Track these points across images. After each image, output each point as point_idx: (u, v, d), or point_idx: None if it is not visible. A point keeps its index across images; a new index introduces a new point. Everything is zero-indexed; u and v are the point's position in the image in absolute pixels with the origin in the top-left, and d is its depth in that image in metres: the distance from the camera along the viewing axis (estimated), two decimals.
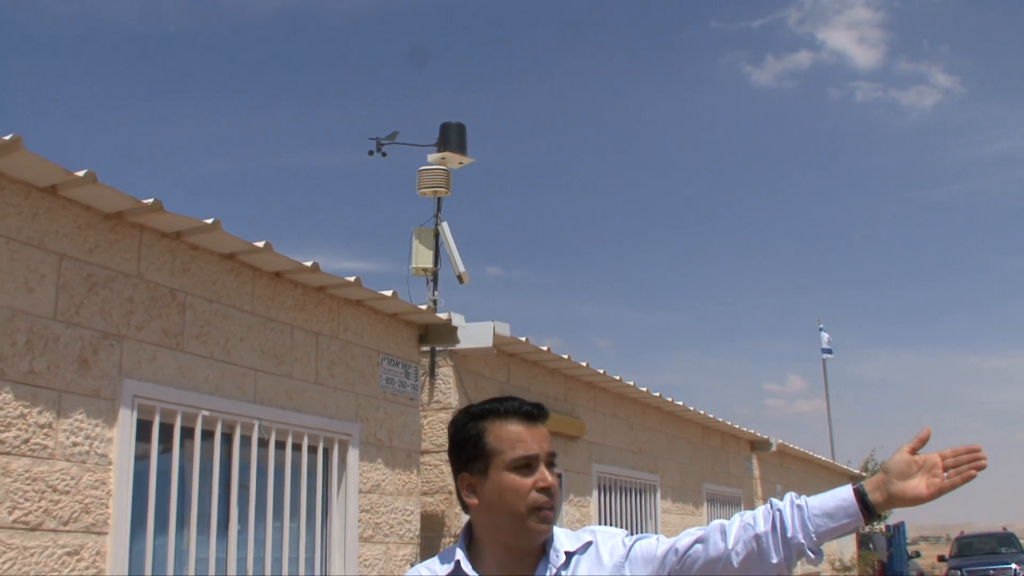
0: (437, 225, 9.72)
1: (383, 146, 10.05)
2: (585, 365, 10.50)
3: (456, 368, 8.94)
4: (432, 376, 8.80)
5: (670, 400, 13.17)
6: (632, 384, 11.75)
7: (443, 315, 8.45)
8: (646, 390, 12.17)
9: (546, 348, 9.70)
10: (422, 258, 9.59)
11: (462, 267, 9.67)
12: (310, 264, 6.61)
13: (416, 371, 8.26)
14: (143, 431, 5.60)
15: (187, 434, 5.93)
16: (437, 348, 8.71)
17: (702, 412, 14.48)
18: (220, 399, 6.14)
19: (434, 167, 9.87)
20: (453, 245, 9.68)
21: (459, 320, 8.52)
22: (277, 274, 6.73)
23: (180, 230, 5.87)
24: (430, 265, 9.61)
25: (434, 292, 9.66)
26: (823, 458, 24.02)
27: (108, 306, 5.44)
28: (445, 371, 8.90)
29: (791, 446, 19.65)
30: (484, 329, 8.70)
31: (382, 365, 7.79)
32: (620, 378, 11.33)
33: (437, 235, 9.69)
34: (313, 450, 6.97)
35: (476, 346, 8.69)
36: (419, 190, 9.84)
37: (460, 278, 9.73)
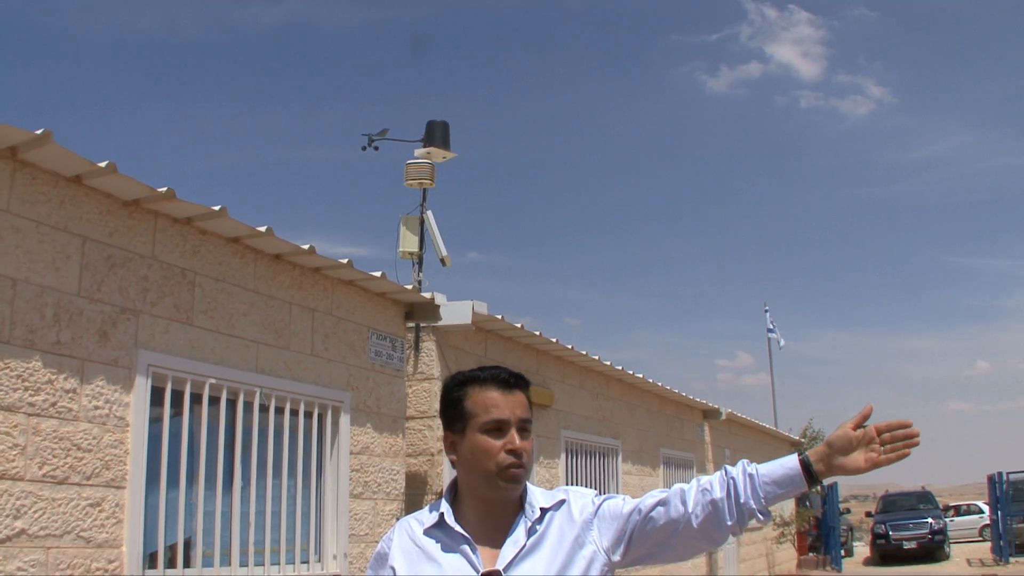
0: (422, 213, 9.70)
1: (374, 141, 10.06)
2: (555, 341, 10.57)
3: (438, 343, 9.00)
4: (416, 350, 8.85)
5: (631, 373, 13.22)
6: (597, 358, 11.82)
7: (427, 295, 8.51)
8: (610, 364, 12.24)
9: (520, 325, 9.77)
10: (408, 243, 9.60)
11: (444, 251, 9.70)
12: (307, 247, 6.65)
13: (402, 345, 8.31)
14: (156, 397, 5.64)
15: (196, 400, 5.96)
16: (421, 324, 8.75)
17: (660, 384, 14.53)
18: (225, 368, 6.18)
19: (420, 161, 9.85)
20: (437, 232, 9.69)
21: (441, 299, 8.58)
22: (277, 256, 6.77)
23: (190, 216, 5.90)
24: (416, 249, 9.61)
25: (419, 274, 9.68)
26: (767, 426, 24.24)
27: (126, 284, 5.49)
28: (428, 345, 8.96)
29: (739, 415, 19.82)
30: (464, 307, 8.76)
31: (371, 339, 7.84)
32: (587, 353, 11.40)
33: (422, 222, 9.68)
34: (309, 415, 7.02)
35: (456, 323, 8.75)
36: (406, 182, 9.83)
37: (443, 261, 9.75)
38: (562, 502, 2.35)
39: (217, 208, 5.84)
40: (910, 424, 2.26)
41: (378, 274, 7.54)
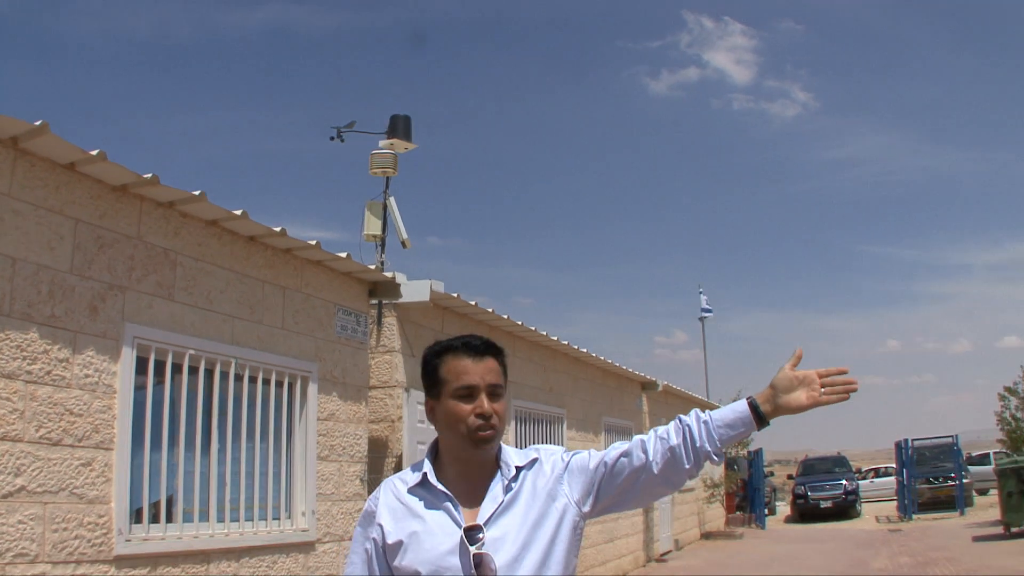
0: (385, 199, 9.77)
1: (342, 133, 10.12)
2: (506, 317, 10.72)
3: (399, 318, 9.12)
4: (379, 325, 8.96)
5: (576, 348, 13.40)
6: (545, 334, 11.98)
7: (389, 274, 8.61)
8: (556, 339, 12.40)
9: (474, 303, 9.90)
10: (372, 226, 9.67)
11: (405, 234, 9.79)
12: (279, 230, 6.72)
13: (366, 320, 8.41)
14: (141, 366, 5.71)
15: (176, 369, 6.04)
16: (383, 301, 8.86)
17: (602, 358, 14.74)
18: (204, 340, 6.26)
19: (384, 151, 9.92)
20: (398, 216, 9.77)
21: (402, 278, 8.69)
22: (252, 238, 6.84)
23: (173, 200, 5.97)
24: (379, 232, 9.69)
25: (382, 255, 9.77)
26: (700, 397, 24.67)
27: (114, 263, 5.56)
28: (390, 320, 9.07)
29: (674, 387, 20.17)
30: (422, 286, 8.89)
31: (337, 315, 7.93)
32: (535, 329, 11.56)
33: (385, 208, 9.75)
34: (280, 384, 7.11)
35: (416, 300, 8.88)
36: (371, 170, 9.90)
37: (404, 243, 9.84)
38: (535, 460, 2.36)
39: (197, 193, 5.92)
40: (847, 371, 2.29)
41: (344, 255, 7.63)
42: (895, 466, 29.42)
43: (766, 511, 27.67)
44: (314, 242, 7.15)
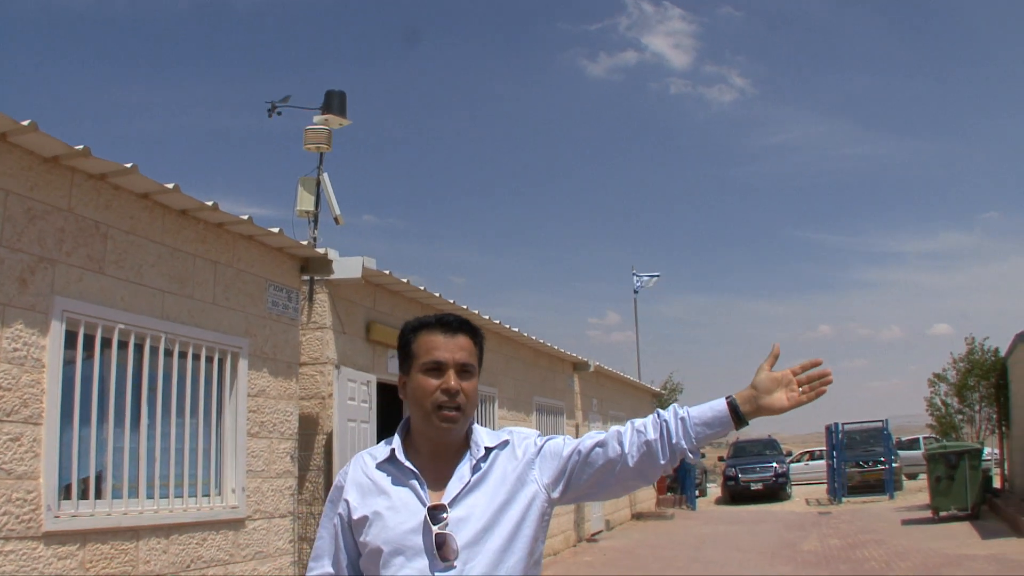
0: (319, 175, 9.87)
1: (277, 108, 10.17)
2: (438, 295, 10.90)
3: (330, 295, 9.25)
4: (310, 301, 9.08)
5: (508, 327, 13.64)
6: (477, 312, 12.18)
7: (321, 250, 8.74)
8: (488, 318, 12.62)
9: (406, 280, 10.06)
10: (305, 202, 9.76)
11: (338, 211, 9.90)
12: (211, 204, 6.82)
13: (297, 296, 8.54)
14: (70, 340, 5.79)
15: (106, 344, 6.13)
16: (315, 277, 8.99)
17: (534, 338, 15.01)
18: (134, 315, 6.34)
19: (318, 127, 10.01)
20: (332, 192, 9.89)
21: (334, 254, 8.82)
22: (183, 212, 6.92)
23: (104, 172, 6.04)
24: (311, 208, 9.78)
25: (314, 231, 9.86)
26: (631, 378, 25.15)
27: (44, 235, 5.62)
28: (321, 297, 9.20)
29: (606, 368, 20.53)
30: (354, 263, 9.03)
31: (268, 290, 8.04)
32: (467, 307, 11.75)
33: (319, 184, 9.84)
34: (210, 360, 7.22)
35: (347, 276, 9.03)
36: (305, 146, 9.98)
37: (336, 219, 9.95)
38: (506, 443, 2.36)
39: (129, 165, 6.00)
40: (821, 362, 2.31)
41: (276, 230, 7.76)
42: (826, 449, 30.28)
43: (697, 493, 28.38)
44: (246, 217, 7.26)
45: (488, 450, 2.32)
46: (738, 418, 2.29)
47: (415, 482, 2.27)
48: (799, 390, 2.29)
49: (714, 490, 33.96)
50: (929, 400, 26.37)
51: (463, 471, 2.28)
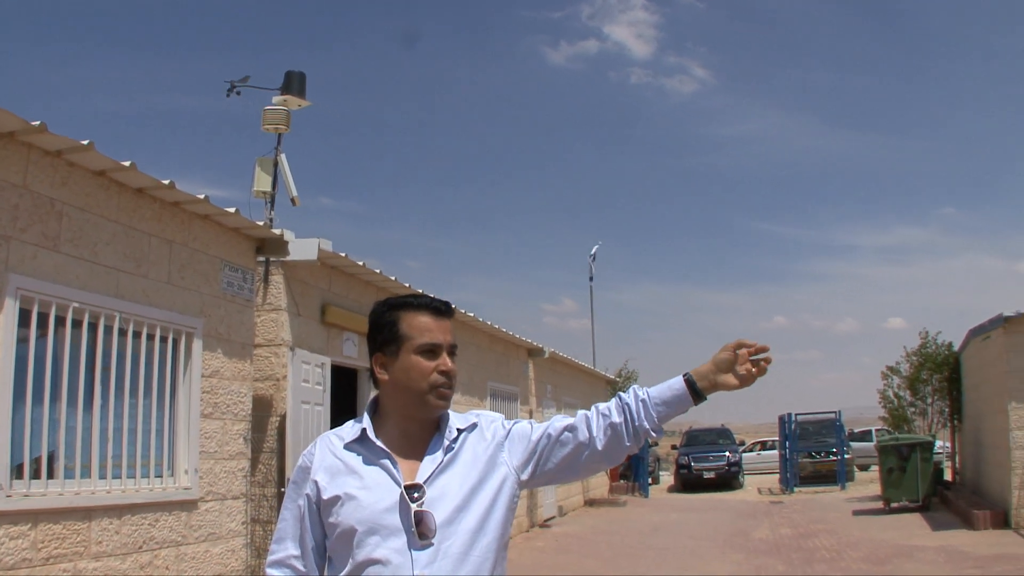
0: (276, 156, 9.94)
1: (236, 87, 10.19)
2: (394, 279, 11.01)
3: (286, 276, 9.35)
4: (266, 282, 9.17)
5: (463, 312, 13.79)
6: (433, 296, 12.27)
7: (277, 231, 8.82)
8: None
9: (362, 263, 10.17)
10: (262, 183, 9.82)
11: (295, 192, 9.98)
12: (167, 183, 6.87)
13: (252, 277, 8.61)
14: (24, 319, 5.83)
15: (60, 323, 6.17)
16: (271, 259, 9.08)
17: (488, 323, 15.20)
18: (88, 294, 6.39)
19: (277, 108, 10.08)
20: (289, 173, 9.96)
21: (290, 236, 8.90)
22: (140, 190, 6.97)
23: (61, 149, 6.08)
24: (268, 189, 9.85)
25: (271, 212, 9.92)
26: (586, 365, 25.42)
27: None
28: (276, 278, 9.29)
29: (561, 354, 20.77)
30: (310, 244, 9.13)
31: (224, 271, 8.11)
32: (422, 291, 11.86)
33: (276, 164, 9.90)
34: (164, 340, 7.28)
35: (303, 258, 9.14)
36: (263, 126, 10.04)
37: (293, 201, 10.03)
38: (474, 425, 2.43)
39: (85, 143, 6.05)
40: (768, 348, 2.41)
41: (232, 210, 7.82)
42: (778, 439, 30.80)
43: (649, 480, 28.75)
44: (203, 196, 7.32)
45: (459, 431, 2.39)
46: (696, 394, 2.39)
47: (387, 461, 2.32)
48: (752, 370, 2.39)
49: (667, 478, 34.39)
50: (882, 392, 26.84)
51: (436, 451, 2.35)
